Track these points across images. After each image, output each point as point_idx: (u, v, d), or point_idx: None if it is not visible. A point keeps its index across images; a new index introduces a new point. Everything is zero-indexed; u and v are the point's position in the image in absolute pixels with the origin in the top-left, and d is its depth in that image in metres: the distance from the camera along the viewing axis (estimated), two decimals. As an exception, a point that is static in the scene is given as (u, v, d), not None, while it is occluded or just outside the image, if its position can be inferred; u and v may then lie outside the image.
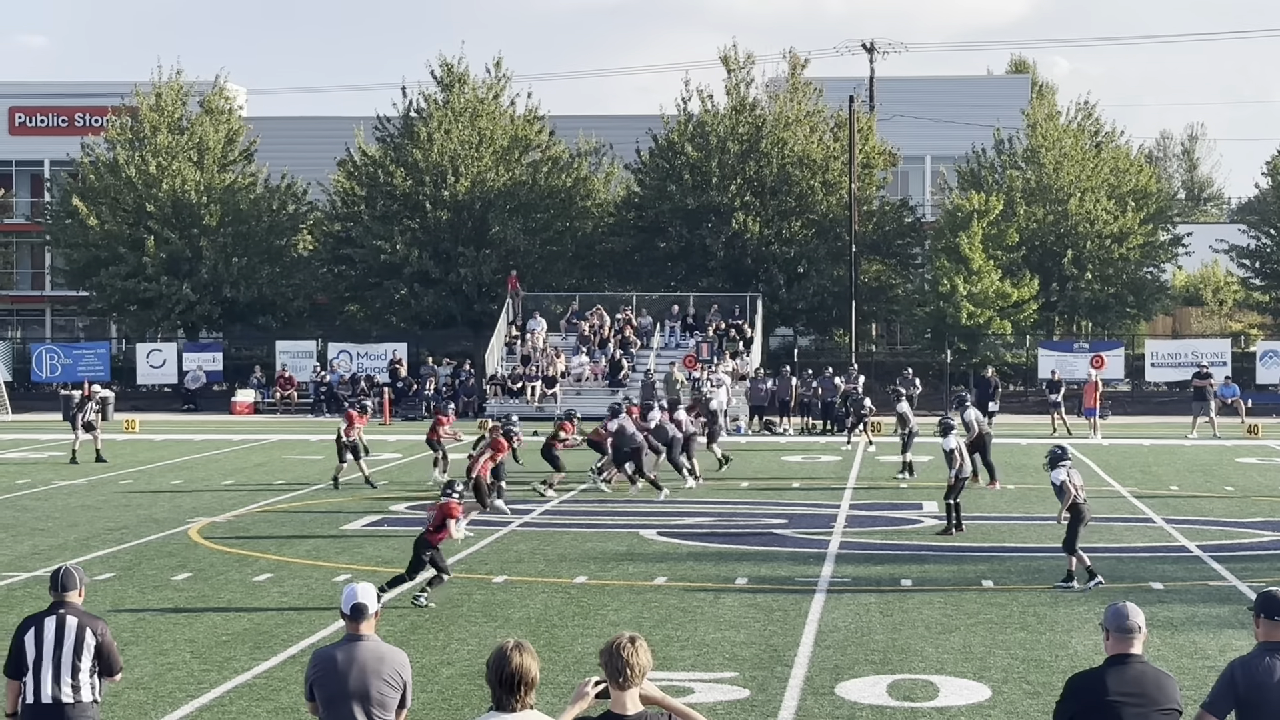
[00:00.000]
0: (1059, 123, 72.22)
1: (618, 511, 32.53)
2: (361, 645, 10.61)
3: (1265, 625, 9.89)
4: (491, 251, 68.78)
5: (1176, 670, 17.61)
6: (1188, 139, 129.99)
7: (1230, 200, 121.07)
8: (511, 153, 70.89)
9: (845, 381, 56.64)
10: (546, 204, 70.84)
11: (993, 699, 16.53)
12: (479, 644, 18.78)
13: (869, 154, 71.06)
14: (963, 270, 65.23)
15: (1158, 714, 9.56)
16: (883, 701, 16.54)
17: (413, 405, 63.07)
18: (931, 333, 68.77)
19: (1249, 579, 23.67)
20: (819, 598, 22.36)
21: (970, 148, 73.13)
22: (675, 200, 68.96)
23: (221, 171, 72.62)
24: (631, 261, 72.32)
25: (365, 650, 10.57)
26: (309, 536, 28.64)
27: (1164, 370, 66.01)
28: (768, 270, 68.97)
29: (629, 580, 23.88)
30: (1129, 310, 71.77)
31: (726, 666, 18.09)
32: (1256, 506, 33.05)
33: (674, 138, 70.50)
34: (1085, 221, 68.63)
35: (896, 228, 72.39)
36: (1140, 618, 9.81)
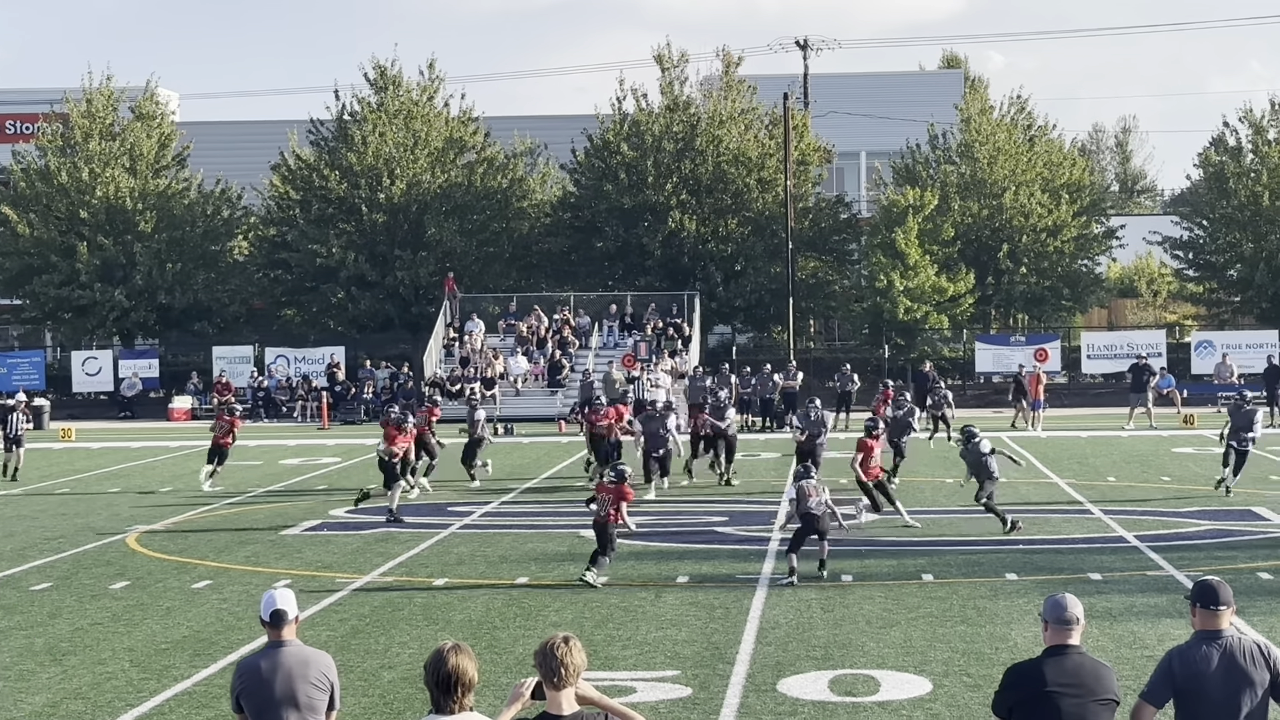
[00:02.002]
0: (992, 117, 72.52)
1: (558, 512, 32.49)
2: (285, 651, 10.52)
3: (1202, 615, 9.93)
4: (428, 253, 68.62)
5: (1115, 660, 17.71)
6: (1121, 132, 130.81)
7: (1163, 192, 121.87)
8: (446, 154, 70.75)
9: (784, 378, 56.76)
10: (482, 205, 70.73)
11: (934, 692, 16.57)
12: (420, 647, 18.72)
13: (804, 151, 71.18)
14: (899, 265, 65.44)
15: (1095, 704, 9.61)
16: (825, 697, 16.55)
17: (351, 409, 62.88)
18: (869, 328, 69.01)
19: (1186, 568, 23.80)
20: (760, 594, 22.38)
21: (905, 143, 73.38)
22: (611, 200, 68.96)
23: (155, 177, 72.23)
24: (568, 262, 72.30)
25: (289, 655, 10.49)
26: (248, 543, 28.50)
27: (1100, 362, 66.39)
28: (705, 268, 69.02)
29: (570, 581, 23.84)
30: (1064, 303, 72.14)
31: (668, 665, 18.08)
32: (1193, 496, 33.26)
33: (609, 137, 70.49)
34: (1020, 215, 68.95)
35: (833, 224, 72.55)
36: (1078, 609, 9.86)
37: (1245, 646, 9.81)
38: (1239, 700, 9.65)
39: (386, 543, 28.12)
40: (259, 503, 34.86)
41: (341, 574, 24.66)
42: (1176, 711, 9.89)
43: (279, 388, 65.80)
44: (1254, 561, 24.67)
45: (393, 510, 31.07)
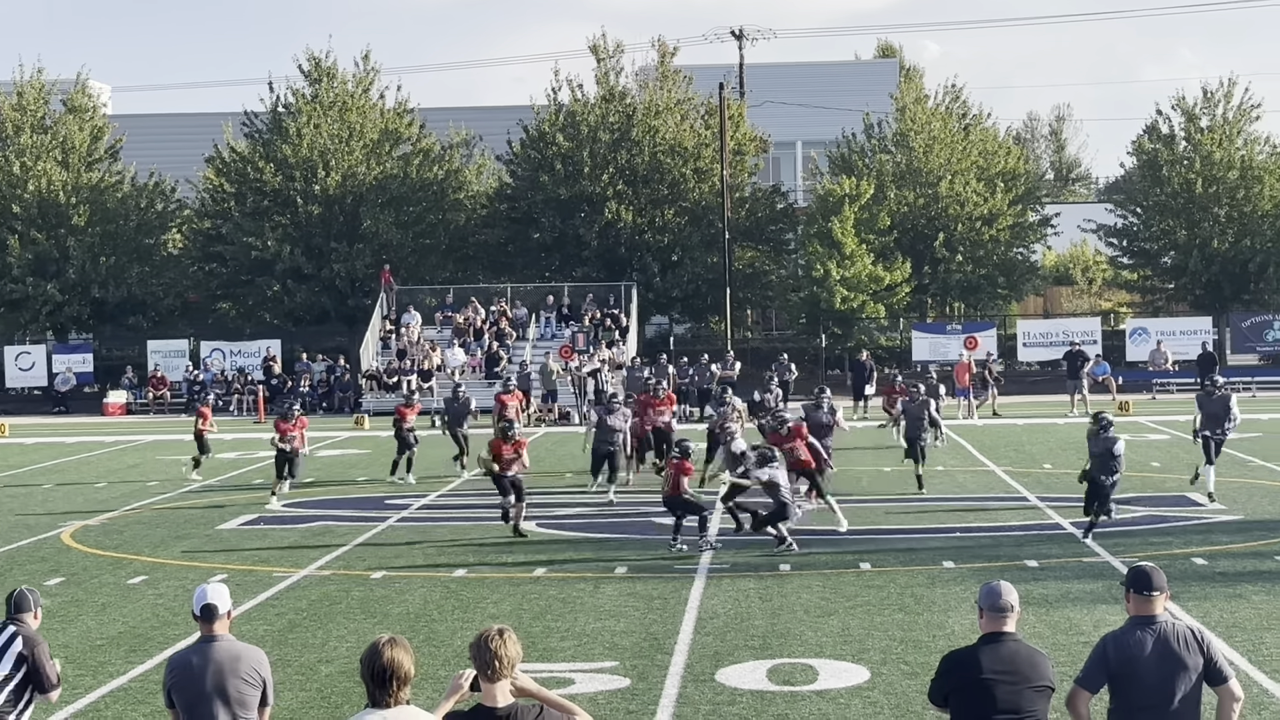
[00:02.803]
0: (927, 106, 72.76)
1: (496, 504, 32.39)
2: (216, 645, 10.48)
3: (1136, 600, 9.98)
4: (364, 246, 68.37)
5: (1051, 646, 17.79)
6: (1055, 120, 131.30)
7: (1098, 180, 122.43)
8: (382, 146, 70.51)
9: (722, 368, 56.82)
10: (418, 197, 70.51)
11: (872, 680, 16.60)
12: (357, 640, 18.65)
13: (740, 141, 71.23)
14: (835, 255, 65.57)
15: (1030, 691, 9.65)
16: (763, 686, 16.57)
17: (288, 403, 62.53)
18: (806, 317, 69.11)
19: (1121, 555, 23.94)
20: (698, 584, 22.40)
21: (840, 132, 73.53)
22: (548, 191, 68.87)
23: (87, 170, 71.74)
24: (505, 253, 72.17)
25: (220, 650, 10.45)
26: (184, 537, 28.35)
27: (1036, 350, 66.71)
28: (642, 259, 69.02)
29: (508, 572, 23.82)
30: (1000, 291, 72.42)
31: (607, 656, 18.07)
32: (1128, 483, 33.35)
33: (545, 128, 70.38)
34: (955, 204, 69.20)
35: (769, 214, 72.62)
36: (1013, 597, 9.91)
37: (1179, 632, 9.87)
38: (1173, 685, 9.70)
39: (323, 536, 28.03)
40: (195, 497, 34.68)
41: (278, 568, 24.56)
42: (1111, 696, 9.94)
43: (215, 381, 65.46)
44: (1188, 547, 24.83)
45: (271, 504, 32.17)
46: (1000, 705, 9.59)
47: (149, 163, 73.18)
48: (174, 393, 66.11)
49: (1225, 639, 17.83)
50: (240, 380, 64.80)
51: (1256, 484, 32.98)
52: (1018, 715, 9.62)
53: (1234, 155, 69.84)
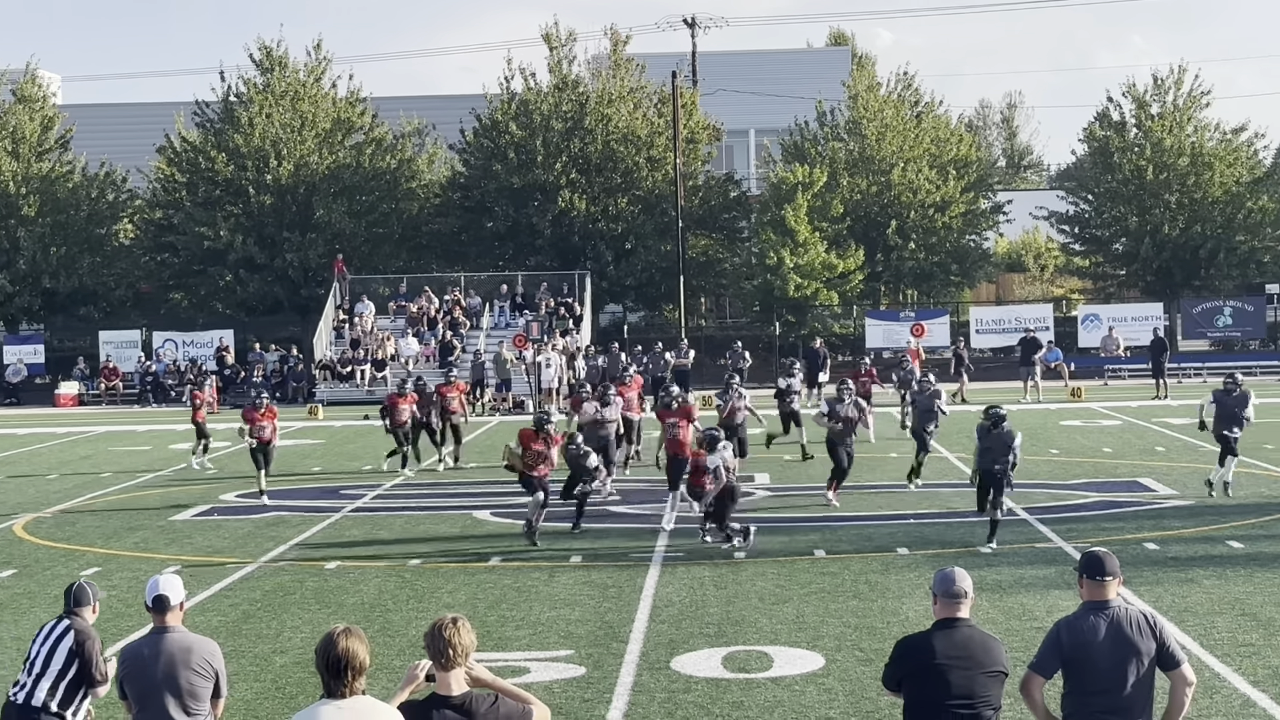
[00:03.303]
0: (880, 94, 72.91)
1: (451, 493, 32.42)
2: (168, 637, 10.47)
3: (1089, 585, 10.03)
4: (317, 235, 68.19)
5: (1005, 632, 17.86)
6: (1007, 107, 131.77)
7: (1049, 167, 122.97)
8: (334, 135, 70.33)
9: (676, 356, 56.81)
10: (371, 186, 70.38)
11: (826, 667, 16.64)
12: (312, 631, 18.61)
13: (693, 129, 71.25)
14: (789, 243, 65.64)
15: (984, 676, 9.70)
16: (718, 674, 16.59)
17: (241, 393, 62.37)
18: (760, 305, 69.19)
19: (1074, 540, 24.05)
20: (653, 572, 22.41)
21: (793, 120, 73.61)
22: (501, 179, 68.79)
23: (38, 161, 71.44)
24: (459, 242, 72.08)
25: (172, 642, 10.44)
26: (137, 528, 28.24)
27: (989, 336, 66.90)
28: (595, 247, 69.00)
29: (463, 562, 23.81)
30: (953, 278, 72.65)
31: (562, 645, 18.07)
32: (1080, 468, 33.59)
33: (498, 117, 70.29)
34: (908, 191, 69.36)
35: (722, 202, 72.68)
36: (967, 583, 9.95)
37: (1132, 616, 9.91)
38: (1126, 669, 9.75)
39: (278, 527, 27.95)
40: (148, 488, 34.54)
41: (232, 559, 24.50)
42: (1065, 681, 9.98)
43: (167, 372, 65.22)
44: (1140, 532, 24.95)
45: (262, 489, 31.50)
46: (954, 690, 9.62)
47: (100, 153, 72.88)
48: (126, 384, 65.84)
49: (1177, 623, 17.92)
50: (193, 371, 64.56)
51: (1207, 469, 33.13)
52: (971, 700, 9.65)
53: (1184, 142, 70.19)
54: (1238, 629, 18.01)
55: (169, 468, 38.37)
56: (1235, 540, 23.92)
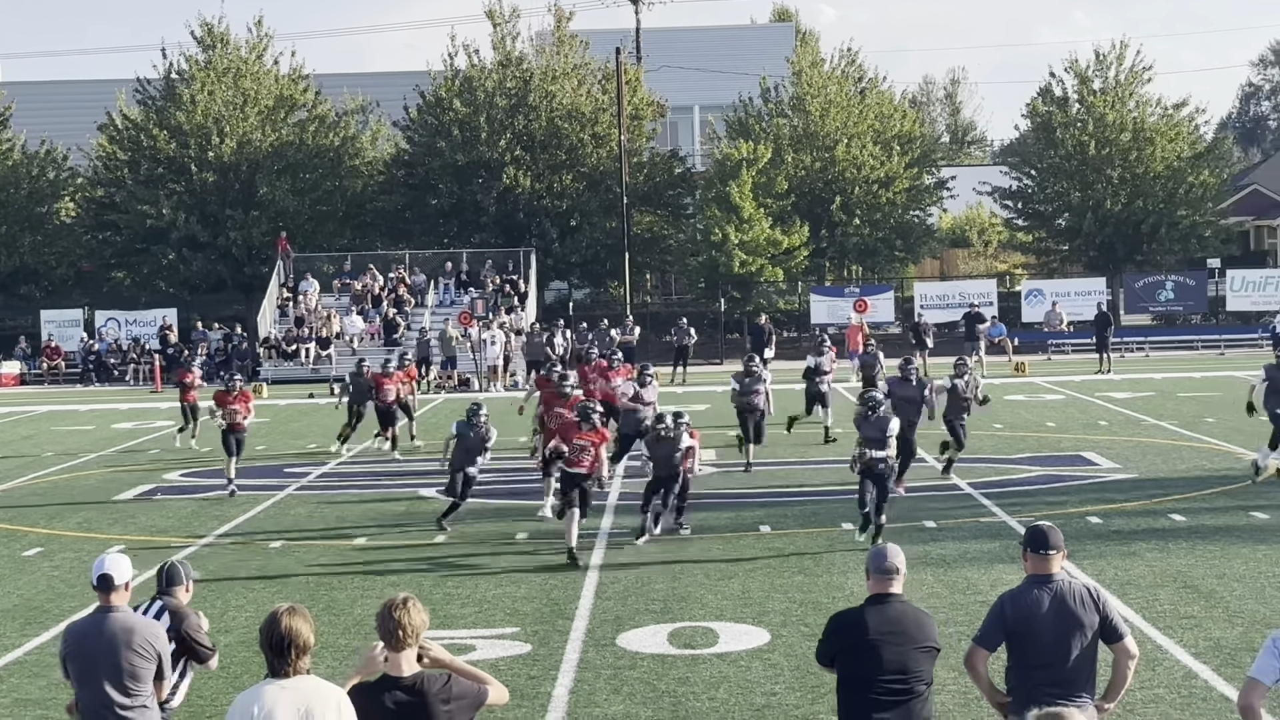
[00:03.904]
0: (824, 70, 72.94)
1: (396, 472, 32.36)
2: (111, 617, 10.42)
3: (1033, 559, 10.07)
4: (260, 213, 67.88)
5: (949, 606, 17.96)
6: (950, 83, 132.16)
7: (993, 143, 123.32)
8: (277, 113, 70.00)
9: (621, 333, 56.79)
10: (314, 164, 70.11)
11: (772, 642, 16.68)
12: (256, 610, 18.56)
13: (637, 105, 71.19)
14: (734, 219, 65.66)
15: (916, 651, 9.76)
16: (664, 650, 16.61)
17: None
18: (705, 282, 69.21)
19: (1018, 514, 24.15)
20: (599, 550, 22.42)
21: (737, 97, 73.59)
22: (445, 157, 68.62)
23: (-23, 139, 70.94)
24: (403, 219, 71.88)
25: (115, 622, 10.39)
26: (80, 509, 28.09)
27: (933, 312, 67.01)
28: (540, 224, 68.90)
29: (409, 540, 23.78)
30: (897, 254, 72.80)
31: (508, 622, 18.07)
32: (1024, 443, 33.74)
33: (441, 94, 70.09)
34: (852, 167, 69.43)
35: (667, 178, 72.66)
36: (899, 559, 10.02)
37: (1075, 590, 9.96)
38: (1069, 642, 9.80)
39: (221, 506, 27.85)
40: (91, 468, 34.35)
41: (176, 538, 24.41)
42: (1009, 654, 10.03)
43: (110, 351, 64.88)
44: (1083, 506, 25.08)
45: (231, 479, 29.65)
46: (886, 665, 9.69)
47: (40, 130, 72.36)
48: (69, 363, 65.44)
49: (1119, 596, 18.03)
50: (136, 350, 64.22)
51: (1150, 443, 33.35)
52: (904, 675, 9.71)
53: (1126, 117, 70.49)
54: (1180, 601, 18.13)
55: (111, 447, 38.16)
56: (1177, 513, 24.07)
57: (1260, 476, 27.19)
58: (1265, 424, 27.74)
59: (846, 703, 9.87)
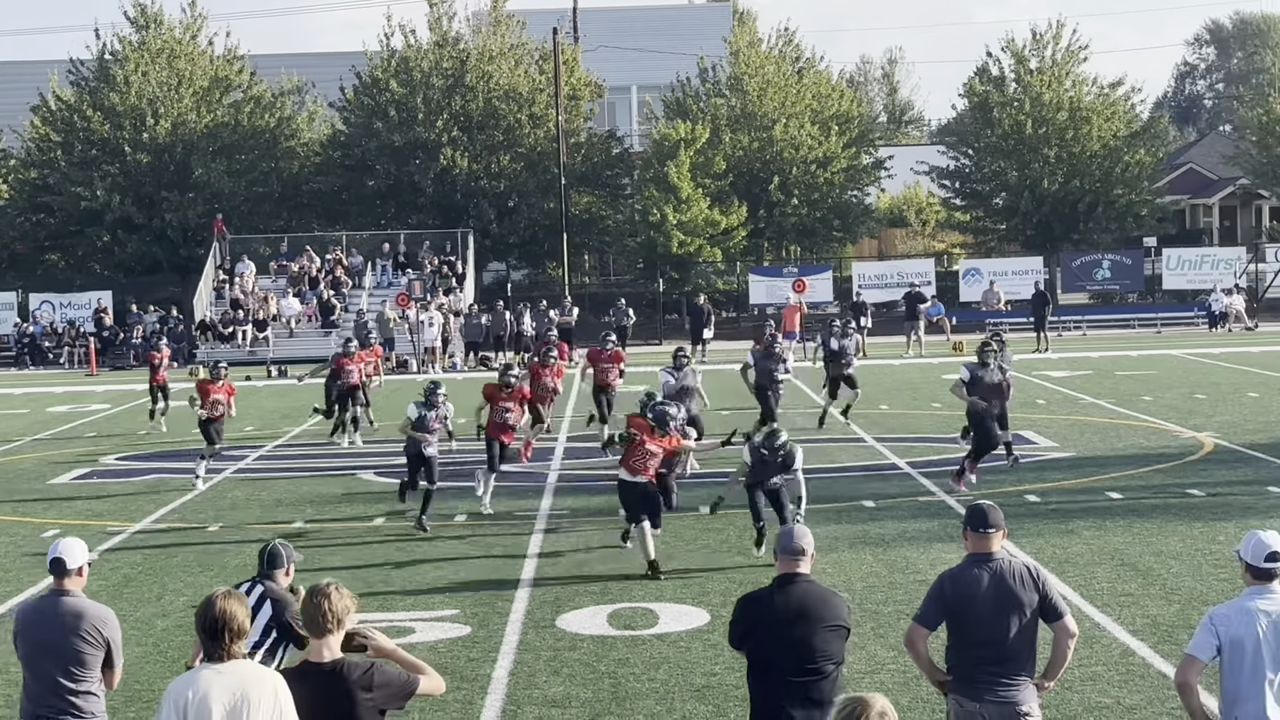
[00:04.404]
0: (761, 50, 72.94)
1: (335, 454, 32.22)
2: (62, 601, 10.35)
3: (973, 538, 10.08)
4: (196, 195, 67.47)
5: (888, 585, 18.01)
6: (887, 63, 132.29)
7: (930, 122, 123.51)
8: (212, 94, 69.57)
9: (560, 314, 56.72)
10: (250, 145, 69.73)
11: (711, 623, 16.67)
12: (194, 594, 18.44)
13: (575, 86, 71.04)
14: (672, 199, 65.63)
15: (824, 630, 9.83)
16: (604, 631, 16.60)
17: (120, 354, 61.73)
18: (643, 262, 69.18)
19: (957, 494, 24.20)
20: (538, 531, 22.38)
21: (675, 77, 73.51)
22: (382, 138, 68.36)
23: (-92, 120, 70.28)
24: (340, 201, 71.55)
25: (65, 606, 10.32)
26: (15, 493, 27.89)
27: (872, 291, 67.10)
28: (478, 205, 68.70)
29: (347, 523, 23.69)
30: (835, 234, 72.87)
31: (447, 605, 18.01)
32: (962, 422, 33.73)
33: (378, 74, 69.78)
34: (790, 147, 69.47)
35: (605, 159, 72.57)
36: (807, 540, 10.11)
37: (1015, 569, 9.98)
38: (1008, 621, 9.82)
39: (159, 489, 27.69)
40: (26, 452, 34.09)
41: (113, 521, 24.25)
42: (949, 633, 10.04)
43: (44, 334, 64.41)
44: (1022, 485, 25.18)
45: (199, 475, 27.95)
46: (793, 645, 9.76)
47: (-29, 112, 71.75)
48: (2, 346, 64.94)
49: (1058, 574, 18.09)
50: (71, 333, 63.79)
51: (1088, 421, 33.51)
52: (811, 655, 9.78)
53: (1063, 96, 70.74)
54: (1117, 579, 18.21)
55: (46, 431, 37.88)
56: (1114, 491, 24.19)
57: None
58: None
59: (755, 682, 9.97)
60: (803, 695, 9.70)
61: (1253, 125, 75.13)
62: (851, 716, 6.61)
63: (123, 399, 45.14)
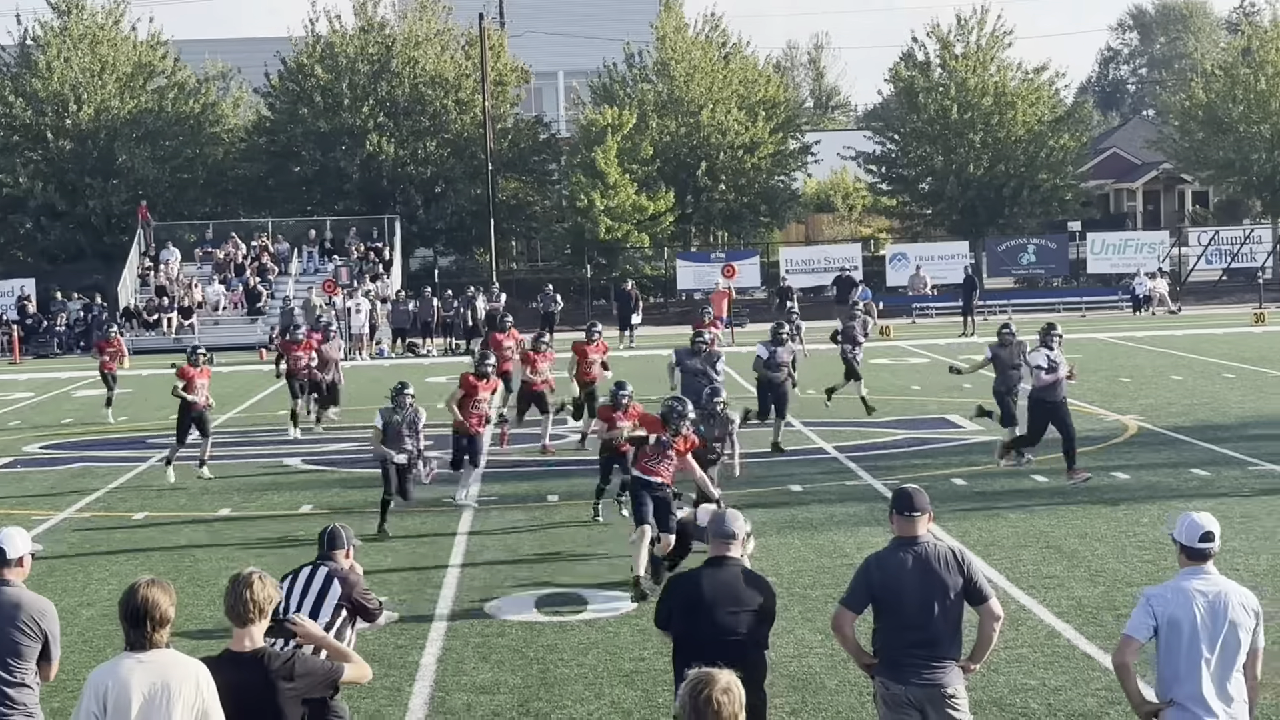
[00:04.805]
0: (688, 35, 72.96)
1: (261, 441, 32.08)
2: (2, 591, 10.26)
3: (899, 521, 10.11)
4: (120, 181, 67.04)
5: (816, 569, 18.05)
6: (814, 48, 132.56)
7: (856, 108, 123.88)
8: (135, 80, 69.12)
9: (488, 301, 56.60)
10: (175, 131, 69.32)
11: (639, 608, 16.67)
12: (119, 583, 18.29)
13: (501, 71, 70.90)
14: (599, 185, 65.62)
15: (749, 614, 9.97)
16: (532, 617, 16.59)
17: (44, 342, 61.25)
18: (571, 248, 69.17)
19: (883, 477, 24.29)
20: (466, 517, 22.35)
21: (602, 62, 73.47)
22: (307, 124, 68.08)
23: None
24: (265, 187, 71.22)
25: (4, 597, 10.25)
26: (-63, 483, 27.64)
27: (799, 277, 67.28)
28: (405, 191, 68.54)
29: (274, 510, 23.58)
30: (763, 219, 73.06)
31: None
32: (890, 406, 33.92)
33: (303, 60, 69.47)
34: (717, 133, 69.56)
35: (532, 145, 72.49)
36: (738, 524, 10.27)
37: (940, 552, 10.01)
38: (934, 604, 9.85)
39: (84, 478, 27.49)
40: (-52, 441, 33.79)
41: (37, 511, 24.07)
42: (875, 617, 10.06)
43: (-33, 323, 63.88)
44: (948, 468, 25.29)
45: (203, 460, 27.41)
46: (719, 627, 9.87)
47: (-109, 98, 70.94)
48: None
49: (984, 557, 18.19)
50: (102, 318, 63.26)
51: (1013, 405, 33.62)
52: (736, 637, 9.87)
53: (988, 82, 71.08)
54: (1042, 561, 18.32)
55: (-30, 420, 37.56)
56: (1040, 474, 24.33)
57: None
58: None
59: (681, 664, 9.98)
60: (724, 676, 9.77)
61: (1175, 110, 75.72)
62: (695, 692, 6.65)
63: (46, 387, 44.82)
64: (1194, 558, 9.41)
